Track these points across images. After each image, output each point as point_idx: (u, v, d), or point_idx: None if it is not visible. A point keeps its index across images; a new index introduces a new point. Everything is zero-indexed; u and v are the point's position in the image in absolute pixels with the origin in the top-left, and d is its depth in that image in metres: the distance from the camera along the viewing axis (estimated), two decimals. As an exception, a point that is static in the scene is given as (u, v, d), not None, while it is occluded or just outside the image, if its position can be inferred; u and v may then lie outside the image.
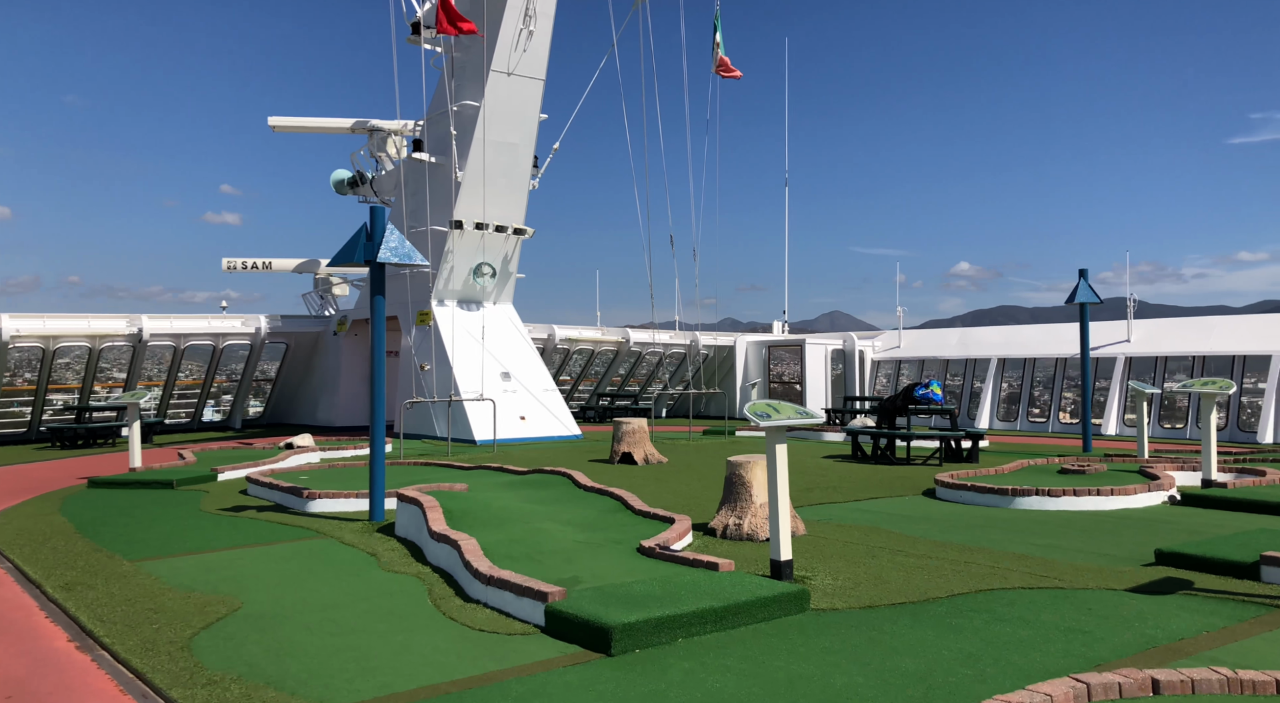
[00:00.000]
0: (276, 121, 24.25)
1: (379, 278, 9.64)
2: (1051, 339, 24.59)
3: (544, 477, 11.20)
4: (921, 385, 14.16)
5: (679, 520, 8.00)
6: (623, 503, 9.14)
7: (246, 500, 11.30)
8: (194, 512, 10.53)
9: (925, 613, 5.69)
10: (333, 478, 12.24)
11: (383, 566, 7.57)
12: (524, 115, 19.92)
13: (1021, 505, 9.27)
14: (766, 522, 7.97)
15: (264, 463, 14.08)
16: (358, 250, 9.58)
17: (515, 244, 21.24)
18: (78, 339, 20.64)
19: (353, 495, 10.35)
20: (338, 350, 23.92)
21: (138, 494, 11.97)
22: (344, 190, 25.75)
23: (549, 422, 19.64)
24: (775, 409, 6.48)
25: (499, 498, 9.34)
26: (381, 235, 9.60)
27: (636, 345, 28.66)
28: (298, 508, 10.43)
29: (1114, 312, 28.81)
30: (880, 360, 28.68)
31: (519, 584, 5.85)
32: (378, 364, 9.65)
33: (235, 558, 8.00)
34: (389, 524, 9.32)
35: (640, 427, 14.43)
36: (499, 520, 8.14)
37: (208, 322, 22.91)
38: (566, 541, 7.52)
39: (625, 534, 7.78)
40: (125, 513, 10.46)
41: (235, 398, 24.16)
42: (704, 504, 10.33)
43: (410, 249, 9.71)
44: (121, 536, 9.10)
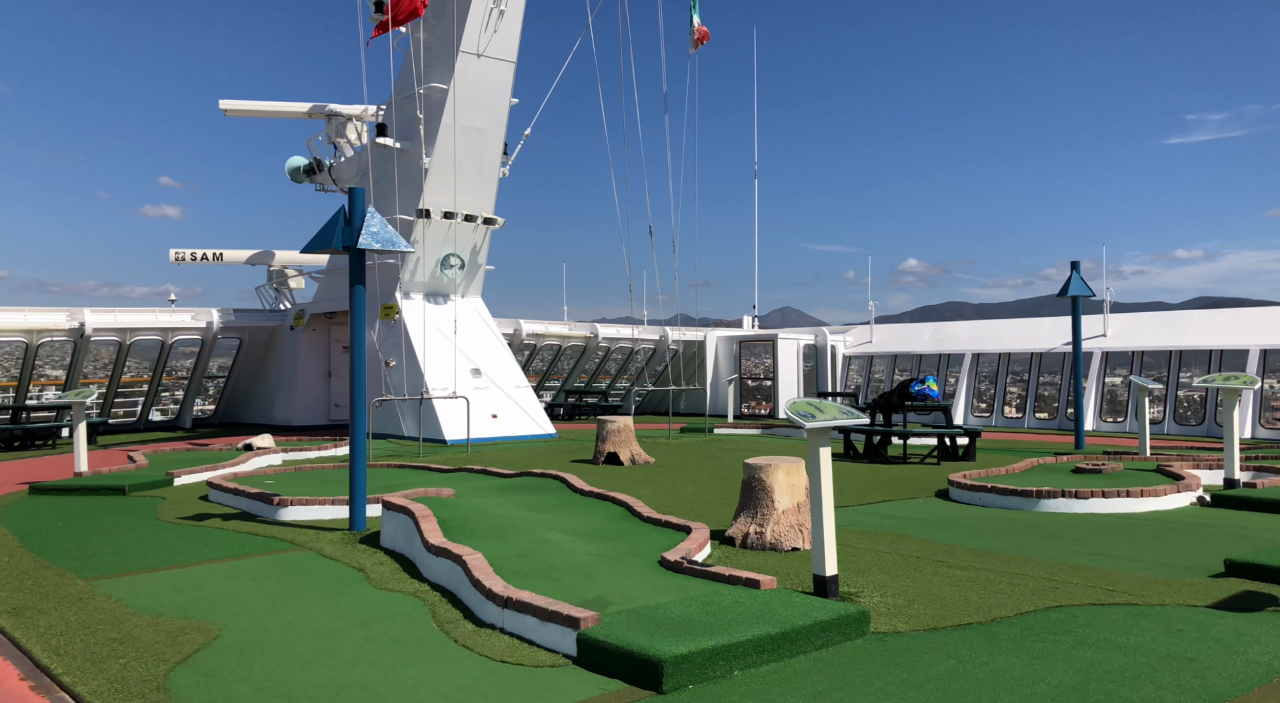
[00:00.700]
0: (228, 105, 23.09)
1: (359, 265, 8.85)
2: (1026, 333, 24.43)
3: (534, 480, 10.49)
4: (917, 381, 13.70)
5: (696, 529, 7.36)
6: (628, 509, 8.48)
7: (208, 507, 10.41)
8: (151, 521, 9.64)
9: (999, 636, 5.12)
10: (302, 482, 11.39)
11: (373, 582, 6.82)
12: (494, 99, 19.10)
13: (1047, 508, 8.80)
14: (790, 530, 7.37)
15: (223, 466, 13.16)
16: (335, 235, 8.78)
17: (485, 234, 20.41)
18: (13, 334, 19.36)
19: (328, 502, 9.55)
20: (295, 346, 22.86)
21: (86, 502, 11.00)
22: (300, 178, 24.65)
23: (522, 420, 18.88)
24: (818, 409, 5.88)
25: (492, 505, 8.62)
26: (362, 219, 8.82)
27: (605, 340, 27.97)
28: (268, 516, 9.60)
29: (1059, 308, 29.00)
30: (852, 356, 28.35)
31: (544, 607, 5.16)
32: (358, 360, 8.86)
33: (205, 575, 7.18)
34: (372, 534, 8.55)
35: (625, 425, 13.77)
36: (499, 531, 7.43)
37: (155, 316, 21.72)
38: (579, 553, 6.84)
39: (640, 545, 7.13)
40: (74, 523, 9.54)
41: (185, 396, 22.97)
42: (708, 509, 9.72)
43: (393, 234, 8.94)
44: (72, 550, 8.21)
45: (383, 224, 8.90)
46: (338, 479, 11.70)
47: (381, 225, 8.88)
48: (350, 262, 8.88)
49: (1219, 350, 20.16)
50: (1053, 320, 24.80)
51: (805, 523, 7.46)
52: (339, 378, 23.29)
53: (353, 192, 8.87)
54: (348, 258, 8.89)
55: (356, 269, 8.85)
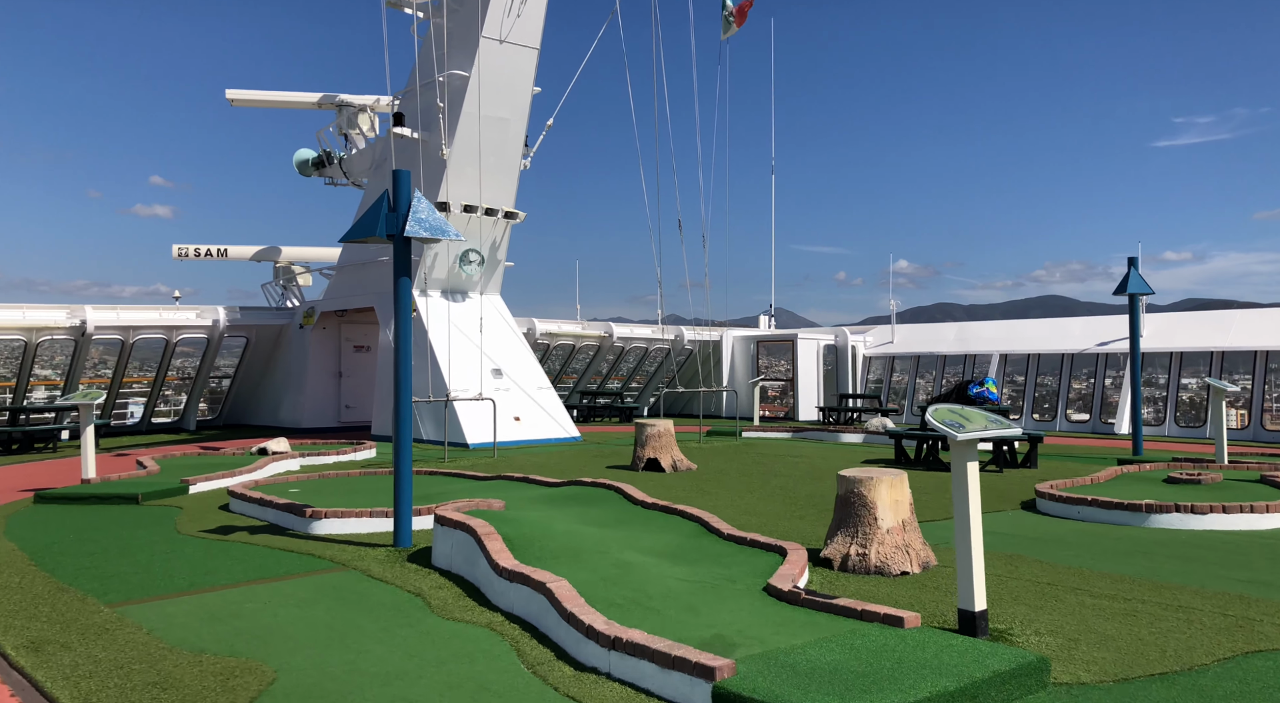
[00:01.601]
0: (235, 95, 22.25)
1: (404, 255, 8.07)
2: (1056, 333, 23.72)
3: (586, 490, 9.70)
4: (975, 383, 12.95)
5: (791, 550, 6.60)
6: (702, 525, 7.71)
7: (231, 519, 9.61)
8: (170, 535, 8.84)
9: (1211, 693, 4.31)
10: (329, 491, 10.60)
11: (436, 610, 6.04)
12: (517, 87, 18.30)
13: (1159, 524, 8.04)
14: (896, 551, 6.61)
15: (240, 472, 12.35)
16: (379, 223, 8.00)
17: (505, 229, 19.61)
18: (11, 332, 18.49)
19: (365, 514, 8.76)
20: (304, 345, 22.02)
21: (97, 512, 10.19)
22: (308, 172, 23.85)
23: (545, 423, 18.09)
24: (964, 417, 5.11)
25: (552, 520, 7.84)
26: (407, 205, 8.03)
27: (620, 340, 27.20)
28: (299, 530, 8.80)
29: (1049, 309, 28.25)
30: (872, 356, 27.62)
31: (664, 652, 4.38)
32: (404, 359, 8.09)
33: (242, 600, 6.39)
34: (420, 551, 7.76)
35: (666, 430, 12.99)
36: (572, 552, 6.65)
37: (159, 313, 20.87)
38: (669, 579, 6.06)
39: (733, 569, 6.35)
40: (87, 537, 8.73)
41: (189, 397, 22.11)
42: (778, 523, 8.96)
43: (442, 221, 8.16)
44: (89, 568, 7.41)
45: (430, 210, 8.12)
46: (368, 488, 10.91)
47: (429, 211, 8.10)
48: (395, 251, 8.10)
49: (1264, 351, 19.46)
50: (1084, 320, 24.11)
51: (912, 544, 6.70)
52: (350, 378, 22.46)
53: (397, 175, 8.09)
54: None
55: (401, 259, 8.07)
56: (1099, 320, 23.41)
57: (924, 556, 6.74)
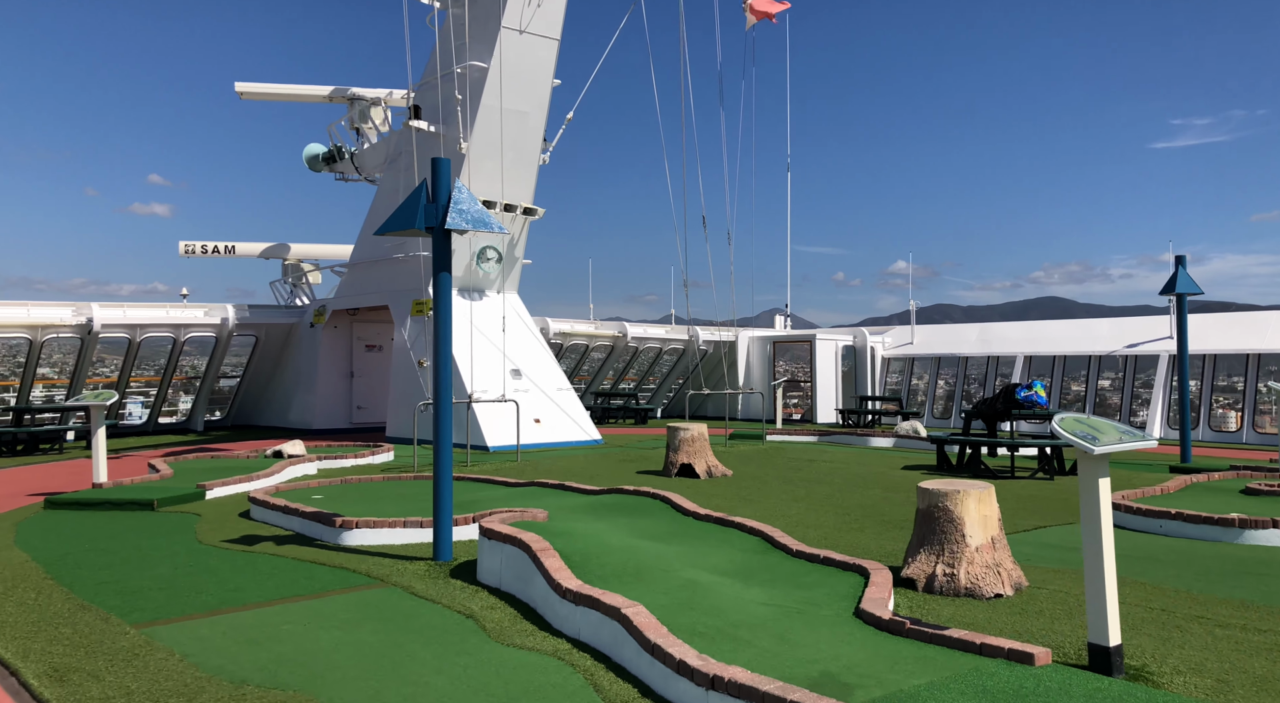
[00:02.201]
0: (244, 88, 21.73)
1: (443, 249, 7.55)
2: (1083, 335, 23.21)
3: (630, 499, 9.18)
4: (1023, 387, 12.44)
5: (873, 570, 6.08)
6: (765, 540, 7.19)
7: (254, 527, 9.09)
8: (191, 545, 8.32)
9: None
10: (354, 498, 10.09)
11: (492, 634, 5.52)
12: (537, 80, 17.79)
13: (1256, 540, 7.51)
14: (987, 571, 6.10)
15: (257, 477, 11.83)
16: (418, 214, 7.48)
17: (523, 225, 19.09)
18: (16, 330, 17.97)
19: (399, 524, 8.24)
20: (314, 344, 21.49)
21: (111, 518, 9.67)
22: (318, 167, 23.33)
23: (566, 425, 17.57)
24: (1095, 428, 4.60)
25: (603, 532, 7.33)
26: (447, 195, 7.52)
27: (633, 340, 26.68)
28: (328, 540, 8.29)
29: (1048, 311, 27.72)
30: (891, 357, 27.13)
31: (776, 695, 3.86)
32: (444, 359, 7.57)
33: (279, 620, 5.87)
34: (462, 566, 7.25)
35: (700, 434, 12.47)
36: (634, 570, 6.14)
37: (166, 311, 20.36)
38: (749, 603, 5.54)
39: (813, 591, 5.84)
40: (103, 547, 8.21)
41: (197, 397, 21.58)
42: (839, 537, 8.46)
43: (484, 212, 7.64)
44: (110, 582, 6.90)
45: (471, 200, 7.60)
46: (394, 494, 10.40)
47: (471, 202, 7.58)
48: (434, 245, 7.58)
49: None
50: (1111, 321, 23.62)
51: (1002, 563, 6.18)
52: (362, 379, 21.94)
53: (436, 163, 7.57)
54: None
55: (441, 253, 7.55)
56: (1127, 321, 22.92)
57: (1015, 575, 6.23)
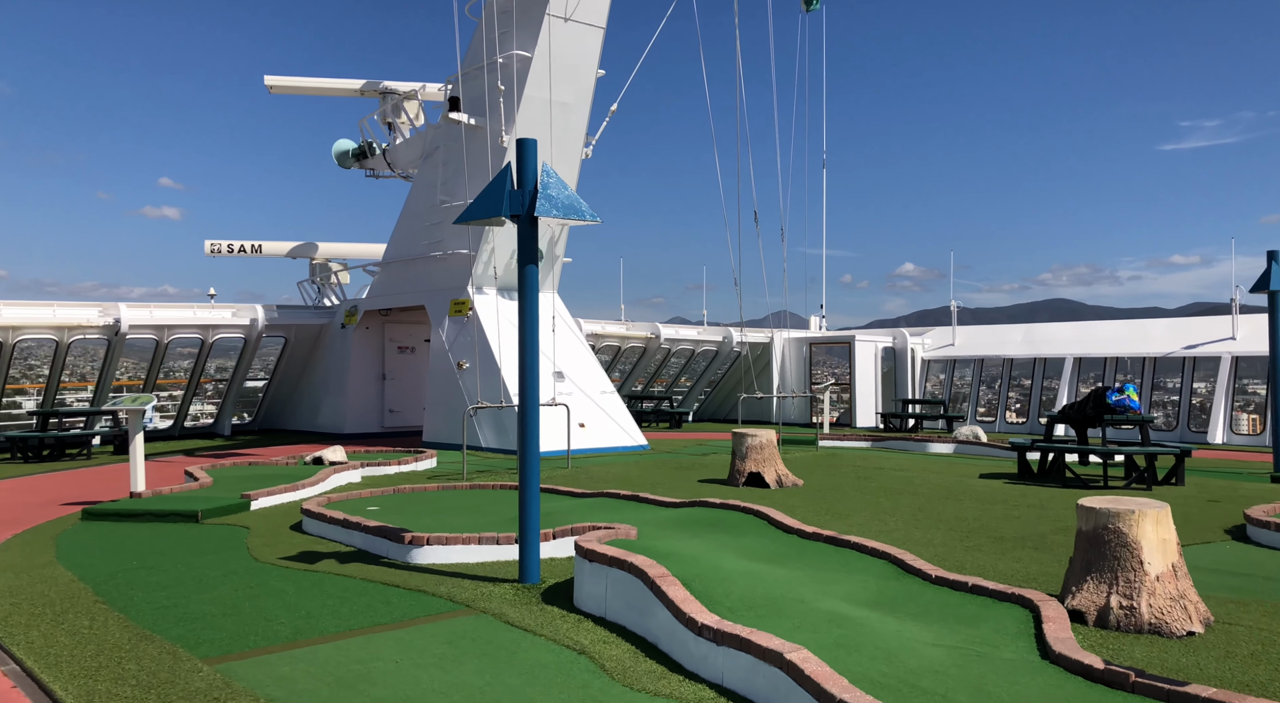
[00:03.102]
0: (274, 81, 21.13)
1: (530, 239, 6.85)
2: (1137, 336, 22.42)
3: (717, 513, 8.48)
4: (1114, 390, 11.69)
5: (1040, 601, 5.36)
6: (893, 562, 6.47)
7: (310, 542, 8.42)
8: (247, 562, 7.65)
9: None
10: (412, 509, 9.41)
11: (616, 677, 4.82)
12: (580, 69, 17.10)
13: None
14: (1171, 604, 5.36)
15: (302, 485, 11.17)
16: (502, 201, 6.79)
17: (565, 224, 18.39)
18: (42, 331, 17.38)
19: (473, 541, 7.56)
20: (345, 346, 20.85)
21: (155, 531, 9.01)
22: (348, 164, 22.73)
23: (612, 430, 16.88)
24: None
25: (709, 553, 6.63)
26: (534, 180, 6.83)
27: (666, 342, 25.98)
28: (396, 558, 7.61)
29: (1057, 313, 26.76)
30: (931, 360, 26.37)
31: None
32: (530, 359, 6.88)
33: (368, 656, 5.19)
34: (553, 589, 6.56)
35: (769, 441, 11.75)
36: (766, 600, 5.43)
37: (193, 312, 19.75)
38: (916, 643, 4.82)
39: (980, 627, 5.13)
40: (153, 564, 7.55)
41: (224, 401, 20.96)
42: (959, 558, 7.75)
43: (576, 199, 6.95)
44: (169, 607, 6.22)
45: (561, 185, 6.91)
46: (454, 505, 9.72)
47: (561, 188, 6.89)
48: (519, 235, 6.89)
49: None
50: (1168, 322, 22.84)
51: (1186, 594, 5.44)
52: (394, 381, 21.29)
53: (523, 145, 6.88)
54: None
55: (527, 244, 6.86)
56: (1185, 322, 22.14)
57: (1201, 609, 5.48)
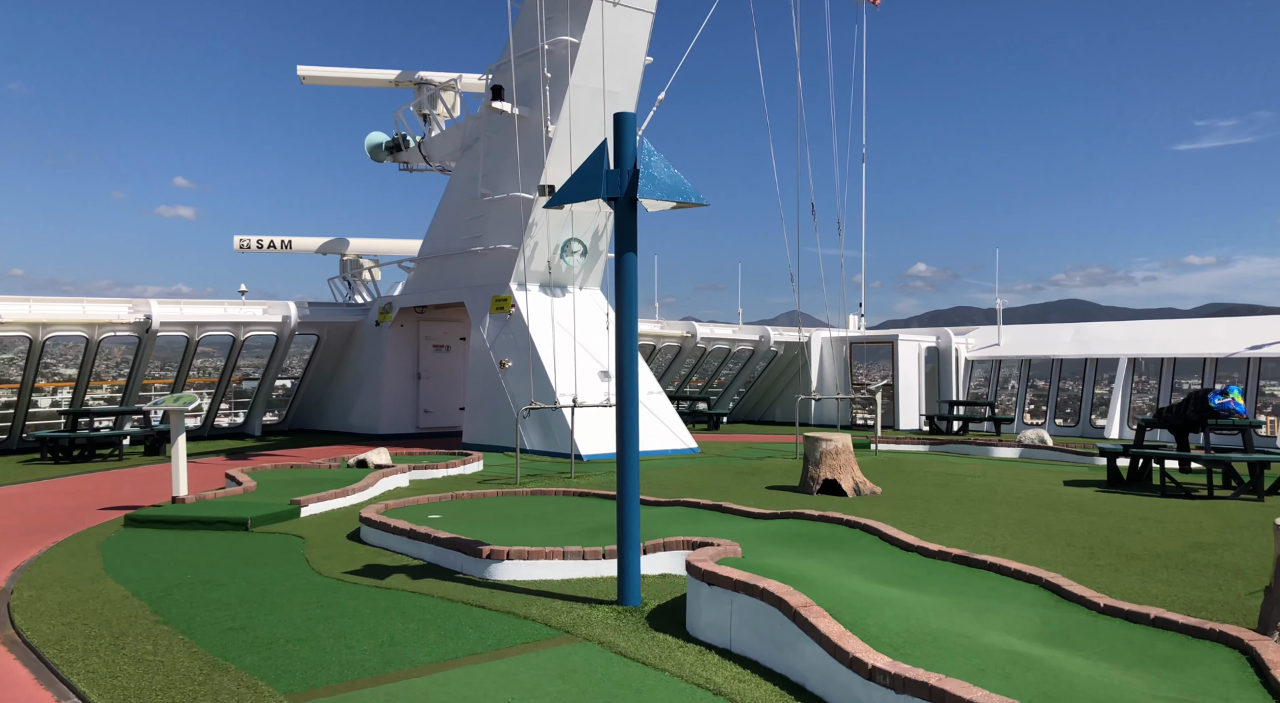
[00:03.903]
0: (306, 72, 20.58)
1: (628, 223, 6.18)
2: (1198, 336, 21.60)
3: (818, 527, 7.80)
4: (1217, 392, 10.95)
5: (1256, 642, 4.65)
6: (1048, 588, 5.76)
7: (373, 555, 7.78)
8: (311, 577, 7.02)
9: None
10: (474, 517, 8.78)
11: (768, 722, 4.15)
12: (628, 56, 16.44)
13: None
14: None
15: (351, 491, 10.56)
16: (599, 181, 6.13)
17: (609, 216, 17.77)
18: (73, 327, 16.86)
19: (557, 555, 6.91)
20: (380, 344, 20.26)
21: (204, 541, 8.40)
22: (381, 157, 22.14)
23: (660, 433, 16.21)
24: None
25: (834, 576, 5.95)
26: (633, 159, 6.17)
27: (702, 340, 25.32)
28: (473, 574, 6.96)
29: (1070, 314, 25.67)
30: (975, 360, 25.62)
31: None
32: (628, 357, 6.20)
33: (467, 691, 4.54)
34: (657, 611, 5.90)
35: (844, 446, 11.06)
36: (926, 635, 4.74)
37: (224, 308, 19.22)
38: (1136, 696, 4.11)
39: (1189, 673, 4.43)
40: (209, 578, 6.93)
41: (255, 400, 20.40)
42: (1096, 578, 7.05)
43: (680, 179, 6.27)
44: (236, 629, 5.59)
45: (664, 164, 6.24)
46: (521, 513, 9.07)
47: (663, 167, 6.22)
48: (616, 219, 6.22)
49: None
50: (1229, 321, 22.01)
51: None
52: (429, 381, 20.69)
53: (620, 119, 6.22)
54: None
55: (625, 228, 6.19)
56: (1248, 321, 21.31)
57: None
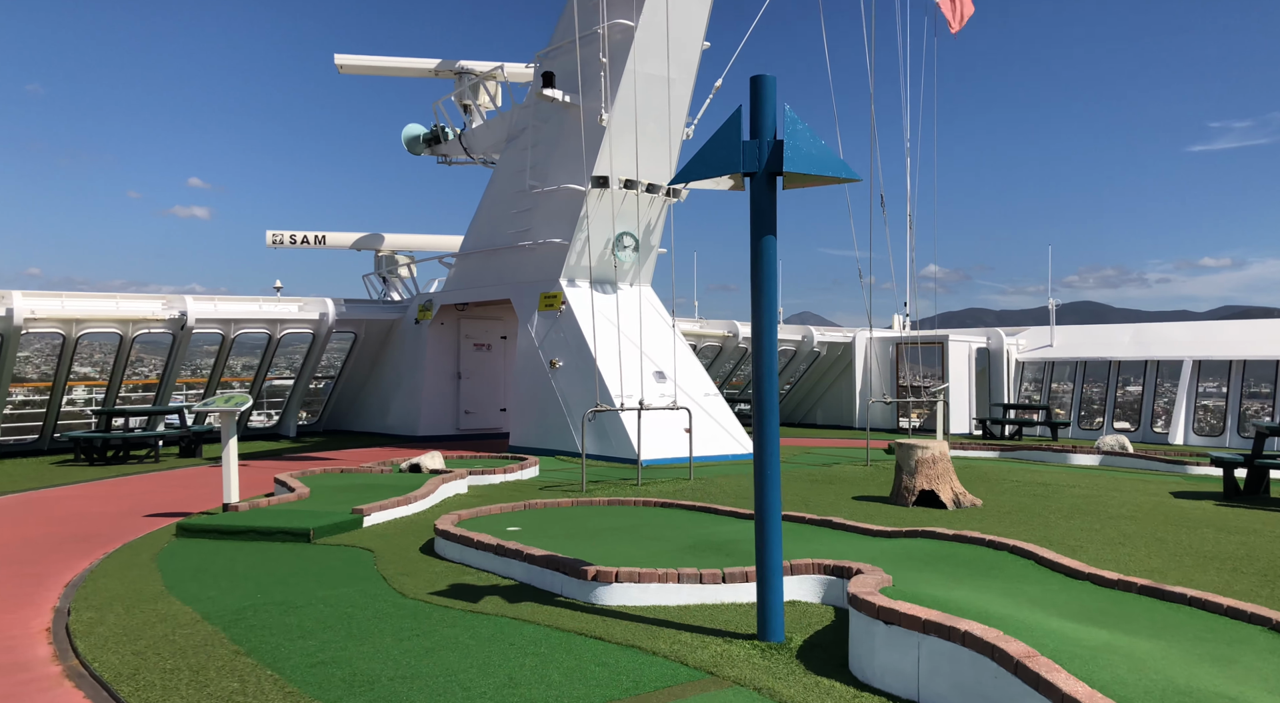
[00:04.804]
0: (344, 60, 19.90)
1: (766, 201, 5.40)
2: (1267, 337, 20.65)
3: (953, 547, 7.02)
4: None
5: None
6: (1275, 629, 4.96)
7: (455, 572, 7.03)
8: (394, 598, 6.28)
9: None
10: (556, 529, 8.04)
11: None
12: (686, 41, 15.66)
13: None
14: None
15: (414, 498, 9.85)
16: (737, 153, 5.36)
17: (662, 209, 17.01)
18: (106, 324, 16.21)
19: (671, 578, 6.14)
20: (419, 343, 19.55)
21: (265, 553, 7.68)
22: (418, 150, 21.45)
23: (719, 436, 15.42)
24: None
25: (1018, 612, 5.16)
26: (774, 127, 5.39)
27: (744, 341, 24.54)
28: (577, 597, 6.21)
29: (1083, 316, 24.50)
30: (1026, 361, 24.74)
31: None
32: (768, 354, 5.43)
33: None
34: (806, 648, 5.13)
35: (941, 454, 10.26)
36: (1189, 696, 3.95)
37: (259, 305, 18.56)
38: None
39: None
40: (282, 599, 6.19)
41: (290, 400, 19.73)
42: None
43: (829, 151, 5.49)
44: (329, 663, 4.84)
45: (810, 135, 5.45)
46: (606, 526, 8.32)
47: (809, 137, 5.44)
48: (754, 198, 5.45)
49: None
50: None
51: None
52: (470, 380, 19.97)
53: (760, 82, 5.45)
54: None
55: (763, 209, 5.41)
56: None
57: None
